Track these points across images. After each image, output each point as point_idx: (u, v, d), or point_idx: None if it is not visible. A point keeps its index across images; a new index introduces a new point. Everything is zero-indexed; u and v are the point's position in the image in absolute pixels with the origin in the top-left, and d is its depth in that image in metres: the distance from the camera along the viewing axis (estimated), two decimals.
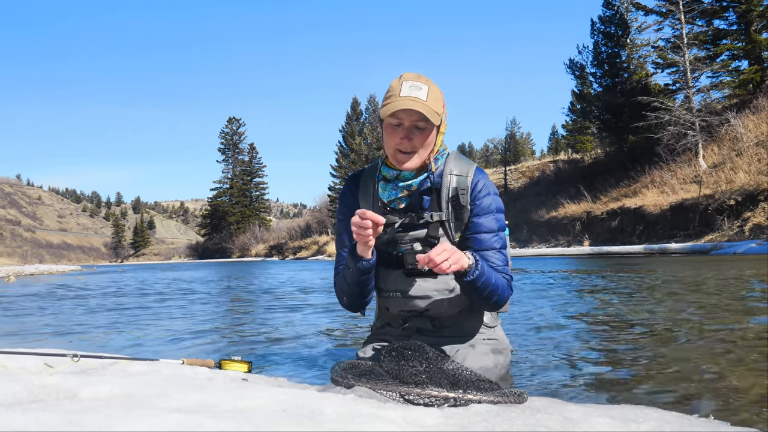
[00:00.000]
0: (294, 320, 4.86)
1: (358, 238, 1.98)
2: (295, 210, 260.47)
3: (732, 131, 23.47)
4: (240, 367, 2.27)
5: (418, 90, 2.03)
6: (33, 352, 2.06)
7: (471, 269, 1.97)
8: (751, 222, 17.82)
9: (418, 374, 1.69)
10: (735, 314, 3.91)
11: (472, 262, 1.98)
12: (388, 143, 2.11)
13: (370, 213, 1.93)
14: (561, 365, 2.60)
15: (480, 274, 1.99)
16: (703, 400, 1.93)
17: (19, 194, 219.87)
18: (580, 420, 1.45)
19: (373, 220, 1.92)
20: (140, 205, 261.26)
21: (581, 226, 26.89)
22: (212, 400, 1.45)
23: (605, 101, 31.77)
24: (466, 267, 1.96)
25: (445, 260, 1.88)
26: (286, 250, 60.24)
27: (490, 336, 2.29)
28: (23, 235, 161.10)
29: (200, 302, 7.31)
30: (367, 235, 1.95)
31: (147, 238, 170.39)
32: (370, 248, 2.04)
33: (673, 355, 2.68)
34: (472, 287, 2.01)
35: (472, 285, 2.00)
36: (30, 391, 1.57)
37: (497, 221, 2.16)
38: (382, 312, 2.37)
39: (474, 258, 1.99)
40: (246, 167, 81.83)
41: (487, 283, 2.03)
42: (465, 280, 1.99)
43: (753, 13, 25.44)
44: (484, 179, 2.17)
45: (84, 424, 1.15)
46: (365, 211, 1.94)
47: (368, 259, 2.06)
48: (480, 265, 1.99)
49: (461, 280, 2.01)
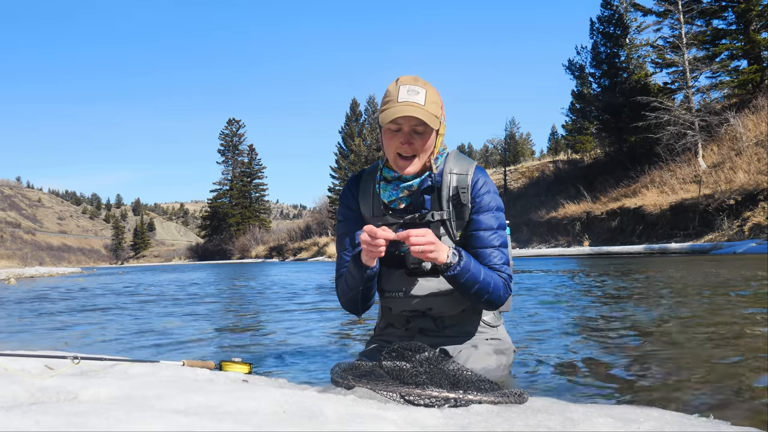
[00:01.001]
0: (294, 321, 4.86)
1: (368, 254, 1.98)
2: (295, 211, 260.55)
3: (731, 131, 23.49)
4: (241, 369, 2.27)
5: (416, 94, 2.03)
6: (33, 354, 2.06)
7: (453, 264, 1.97)
8: (751, 221, 17.82)
9: (418, 375, 1.69)
10: (735, 314, 3.90)
11: (454, 260, 1.98)
12: (388, 148, 2.11)
13: (381, 231, 1.93)
14: (561, 365, 2.60)
15: (463, 270, 1.99)
16: (703, 399, 1.93)
17: (19, 196, 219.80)
18: (581, 420, 1.45)
19: (385, 238, 1.93)
20: (140, 207, 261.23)
21: (581, 227, 26.90)
22: (213, 401, 1.45)
23: (605, 101, 31.78)
24: (445, 261, 1.96)
25: (422, 244, 1.89)
26: (286, 251, 60.20)
27: (493, 336, 2.28)
28: (23, 238, 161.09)
29: (200, 304, 7.31)
30: (378, 253, 1.96)
31: (147, 239, 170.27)
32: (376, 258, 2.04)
33: (674, 355, 2.68)
34: (456, 283, 2.02)
35: (455, 280, 2.01)
36: (30, 393, 1.57)
37: (497, 219, 2.16)
38: (384, 313, 2.37)
39: (459, 254, 1.99)
40: (246, 169, 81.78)
41: (474, 280, 2.02)
42: (447, 274, 2.01)
43: (752, 12, 25.47)
44: (484, 177, 2.17)
45: (84, 426, 1.15)
46: (374, 228, 1.93)
47: (372, 267, 2.06)
48: (464, 262, 1.99)
49: (444, 275, 2.02)
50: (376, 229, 1.93)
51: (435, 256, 1.95)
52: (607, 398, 2.02)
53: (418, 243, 1.90)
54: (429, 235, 1.93)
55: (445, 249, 1.97)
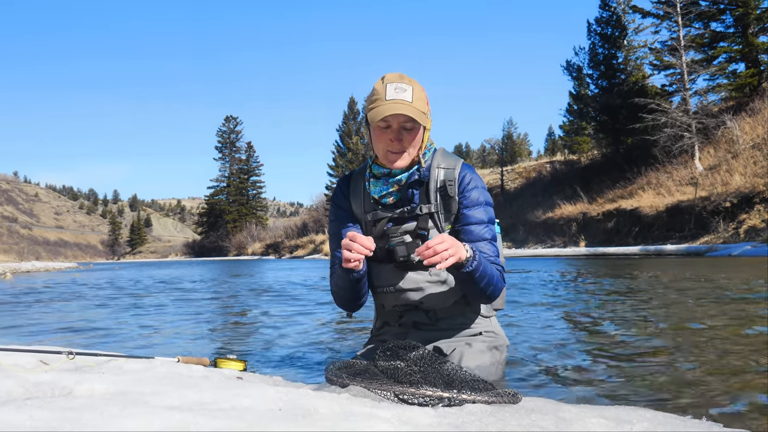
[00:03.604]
0: (289, 319, 4.86)
1: (346, 263, 2.01)
2: (292, 209, 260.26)
3: (728, 133, 23.55)
4: (235, 366, 2.27)
5: (403, 92, 2.07)
6: (28, 349, 2.06)
7: (469, 261, 1.98)
8: (747, 224, 17.88)
9: (412, 374, 1.70)
10: (730, 316, 3.92)
11: (471, 254, 1.99)
12: (378, 145, 2.16)
13: (361, 238, 1.96)
14: (555, 365, 2.61)
15: (478, 265, 2.01)
16: (696, 401, 1.94)
17: (16, 191, 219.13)
18: (574, 420, 1.45)
19: (364, 246, 1.96)
20: (137, 203, 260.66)
21: (577, 227, 26.93)
22: (207, 398, 1.45)
23: (602, 103, 31.83)
24: (464, 258, 1.97)
25: (446, 249, 1.89)
26: (283, 248, 60.18)
27: (487, 328, 2.30)
28: (20, 232, 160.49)
29: (196, 300, 7.30)
30: (357, 260, 1.99)
31: (143, 235, 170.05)
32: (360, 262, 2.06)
33: (667, 356, 2.68)
34: (469, 279, 2.02)
35: (469, 276, 2.01)
36: (25, 388, 1.57)
37: (487, 213, 2.20)
38: (379, 311, 2.39)
39: (471, 249, 2.01)
40: (243, 166, 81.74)
41: (484, 274, 2.04)
42: (463, 271, 2.00)
43: (750, 16, 25.53)
44: (471, 173, 2.21)
45: (79, 421, 1.16)
46: (356, 235, 1.98)
47: (358, 271, 2.10)
48: (477, 256, 2.01)
49: (459, 272, 2.01)
50: (356, 235, 1.98)
51: (460, 255, 1.95)
52: (601, 399, 2.03)
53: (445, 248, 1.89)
54: (445, 236, 1.93)
55: (462, 246, 1.98)
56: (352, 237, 1.98)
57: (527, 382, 2.33)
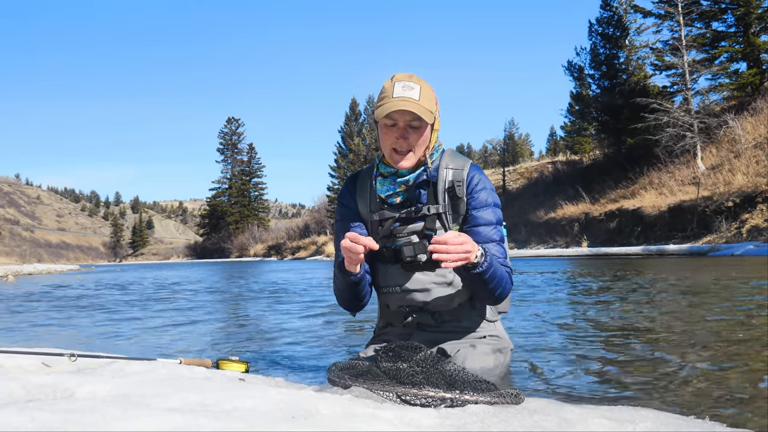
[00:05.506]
0: (291, 320, 4.86)
1: (348, 260, 2.02)
2: (294, 210, 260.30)
3: (730, 133, 23.49)
4: (237, 367, 2.28)
5: (411, 90, 2.07)
6: (30, 352, 2.06)
7: (481, 261, 1.96)
8: (749, 224, 17.83)
9: (415, 374, 1.69)
10: (733, 316, 3.91)
11: (482, 253, 1.98)
12: (385, 143, 2.15)
13: (363, 238, 1.96)
14: (558, 366, 2.60)
15: (489, 266, 1.98)
16: (699, 401, 1.93)
17: (18, 193, 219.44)
18: (577, 421, 1.45)
19: (365, 245, 1.96)
20: (139, 205, 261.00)
21: (579, 227, 26.91)
22: (209, 400, 1.45)
23: (604, 103, 31.78)
24: (475, 259, 1.94)
25: (461, 243, 1.87)
26: (285, 250, 60.22)
27: (491, 332, 2.28)
28: (22, 235, 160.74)
29: (198, 302, 7.31)
30: (358, 260, 2.00)
31: (145, 237, 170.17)
32: (358, 264, 2.06)
33: (670, 357, 2.68)
34: (480, 279, 2.00)
35: (480, 277, 1.99)
36: (27, 390, 1.57)
37: (495, 214, 2.19)
38: (383, 311, 2.38)
39: (483, 249, 1.99)
40: (245, 167, 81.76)
41: (495, 275, 2.03)
42: (474, 272, 1.97)
43: (752, 15, 25.48)
44: (479, 174, 2.20)
45: (81, 423, 1.16)
46: (356, 235, 1.97)
47: (356, 274, 2.10)
48: (489, 257, 1.99)
49: (469, 273, 1.98)
50: (357, 235, 1.97)
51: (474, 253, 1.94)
52: (603, 399, 2.02)
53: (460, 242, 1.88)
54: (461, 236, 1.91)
55: (475, 245, 1.96)
56: (352, 237, 1.98)
57: (530, 382, 2.32)
